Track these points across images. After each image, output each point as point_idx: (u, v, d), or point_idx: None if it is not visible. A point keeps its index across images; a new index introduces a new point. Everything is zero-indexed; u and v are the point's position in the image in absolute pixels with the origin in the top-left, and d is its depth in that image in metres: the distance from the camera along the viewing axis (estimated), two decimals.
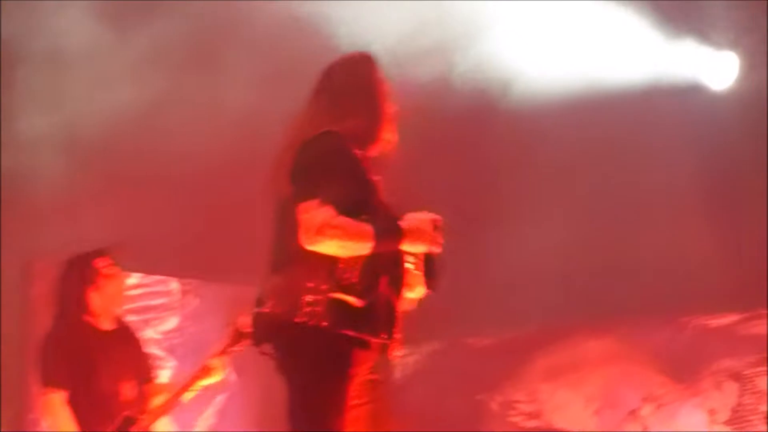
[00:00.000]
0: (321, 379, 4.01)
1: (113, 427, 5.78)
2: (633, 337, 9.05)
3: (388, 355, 4.17)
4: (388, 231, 4.05)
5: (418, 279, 4.20)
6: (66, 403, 5.77)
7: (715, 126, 8.63)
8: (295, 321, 3.97)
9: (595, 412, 9.09)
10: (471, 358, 9.53)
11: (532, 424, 9.30)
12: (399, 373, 9.32)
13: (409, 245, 4.10)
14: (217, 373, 5.85)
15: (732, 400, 8.68)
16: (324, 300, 3.97)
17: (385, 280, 4.09)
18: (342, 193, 4.00)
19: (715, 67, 8.67)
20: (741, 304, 8.65)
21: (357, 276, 4.01)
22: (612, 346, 9.12)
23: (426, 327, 5.39)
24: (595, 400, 9.11)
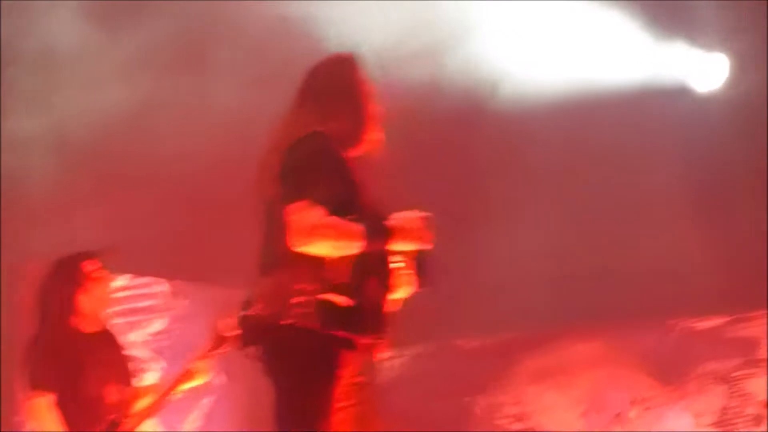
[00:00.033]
0: (308, 382, 4.01)
1: (99, 429, 5.77)
2: (620, 340, 9.06)
3: (374, 357, 4.18)
4: (378, 230, 4.07)
5: (406, 278, 4.21)
6: (53, 406, 5.76)
7: (704, 128, 8.63)
8: (284, 323, 3.97)
9: (582, 415, 9.10)
10: (458, 360, 9.53)
11: (519, 426, 9.30)
12: (386, 375, 9.31)
13: (398, 243, 4.11)
14: (201, 376, 5.86)
15: (718, 403, 8.69)
16: (313, 301, 3.98)
17: (374, 280, 4.10)
18: (330, 194, 4.01)
19: (705, 70, 8.68)
20: (728, 306, 8.67)
21: (346, 276, 4.02)
22: (599, 348, 9.13)
23: (413, 329, 5.37)
24: (582, 402, 9.12)
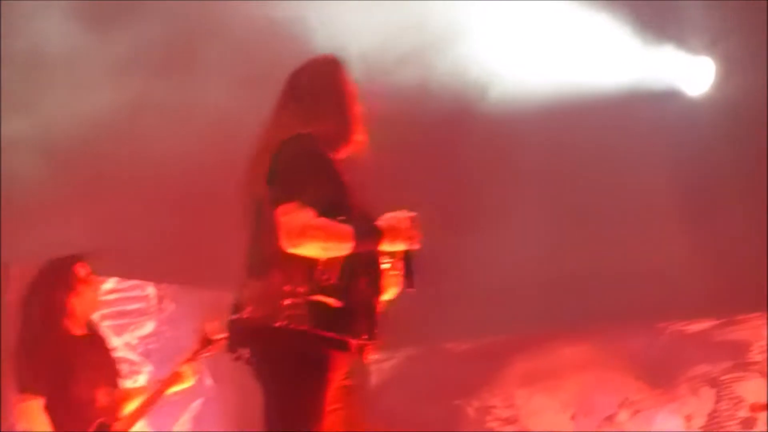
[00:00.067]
0: (298, 384, 4.00)
1: None
2: (610, 343, 9.06)
3: (365, 359, 4.17)
4: (367, 231, 4.07)
5: (395, 279, 4.21)
6: (43, 409, 5.73)
7: (692, 132, 8.63)
8: (275, 326, 3.96)
9: (572, 418, 9.09)
10: (448, 363, 9.52)
11: (509, 429, 9.29)
12: (376, 378, 9.31)
13: (388, 244, 4.11)
14: (188, 379, 5.86)
15: (708, 406, 8.69)
16: (303, 303, 3.97)
17: (364, 281, 4.10)
18: (319, 196, 4.01)
19: (692, 73, 8.68)
20: (717, 309, 8.66)
21: (336, 277, 4.02)
22: (589, 351, 9.13)
23: (403, 331, 5.37)
24: (572, 405, 9.12)
